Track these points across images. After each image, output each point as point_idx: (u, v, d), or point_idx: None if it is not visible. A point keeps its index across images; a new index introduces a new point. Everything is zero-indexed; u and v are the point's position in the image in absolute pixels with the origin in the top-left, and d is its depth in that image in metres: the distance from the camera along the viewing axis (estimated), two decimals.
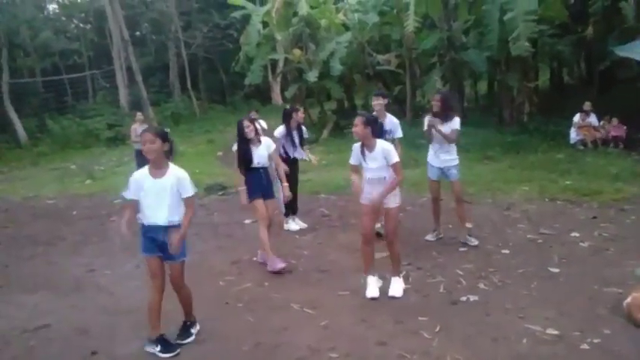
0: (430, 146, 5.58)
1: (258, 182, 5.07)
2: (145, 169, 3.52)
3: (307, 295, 4.41)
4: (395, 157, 4.09)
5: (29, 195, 10.54)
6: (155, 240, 3.50)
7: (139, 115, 9.76)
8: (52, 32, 25.35)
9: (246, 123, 5.01)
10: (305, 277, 4.91)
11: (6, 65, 19.22)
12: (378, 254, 4.63)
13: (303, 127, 6.60)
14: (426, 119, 5.42)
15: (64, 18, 30.41)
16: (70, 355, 3.67)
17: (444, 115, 5.31)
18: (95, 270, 5.44)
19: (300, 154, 6.48)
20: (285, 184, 5.44)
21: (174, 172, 3.50)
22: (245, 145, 5.03)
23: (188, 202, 3.52)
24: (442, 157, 5.45)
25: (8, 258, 6.15)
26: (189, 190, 3.51)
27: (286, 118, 6.32)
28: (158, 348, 3.54)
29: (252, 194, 5.07)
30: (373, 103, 5.54)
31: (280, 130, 6.29)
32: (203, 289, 4.78)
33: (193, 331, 3.81)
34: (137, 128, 9.70)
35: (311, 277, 4.88)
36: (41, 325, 4.16)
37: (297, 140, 6.38)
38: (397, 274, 4.40)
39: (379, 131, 4.19)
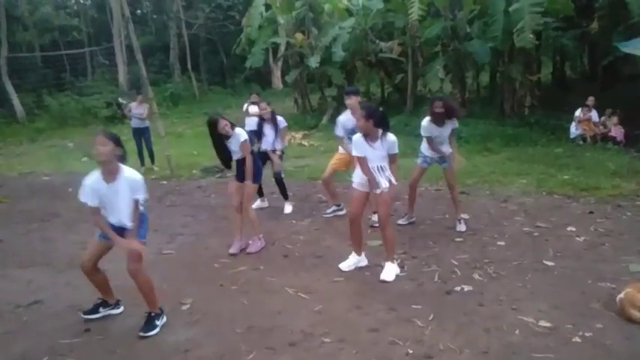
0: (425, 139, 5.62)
1: (239, 168, 5.28)
2: (97, 174, 3.55)
3: (302, 280, 4.42)
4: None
5: (25, 171, 10.48)
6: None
7: (140, 97, 9.80)
8: (52, 7, 25.01)
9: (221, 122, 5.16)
10: (300, 262, 4.91)
11: (4, 39, 18.92)
12: (376, 242, 4.62)
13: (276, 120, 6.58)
14: (425, 122, 5.46)
15: None
16: (62, 331, 3.67)
17: (444, 121, 5.39)
18: None
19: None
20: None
21: (127, 174, 3.51)
22: (221, 142, 5.27)
23: (135, 204, 3.55)
24: (443, 149, 5.52)
25: (3, 233, 6.13)
26: (139, 193, 3.54)
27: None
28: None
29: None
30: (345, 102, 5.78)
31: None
32: (198, 270, 4.80)
33: (158, 322, 3.67)
34: (133, 107, 9.67)
35: (306, 263, 4.88)
36: (35, 301, 4.17)
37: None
38: (390, 259, 4.44)
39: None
